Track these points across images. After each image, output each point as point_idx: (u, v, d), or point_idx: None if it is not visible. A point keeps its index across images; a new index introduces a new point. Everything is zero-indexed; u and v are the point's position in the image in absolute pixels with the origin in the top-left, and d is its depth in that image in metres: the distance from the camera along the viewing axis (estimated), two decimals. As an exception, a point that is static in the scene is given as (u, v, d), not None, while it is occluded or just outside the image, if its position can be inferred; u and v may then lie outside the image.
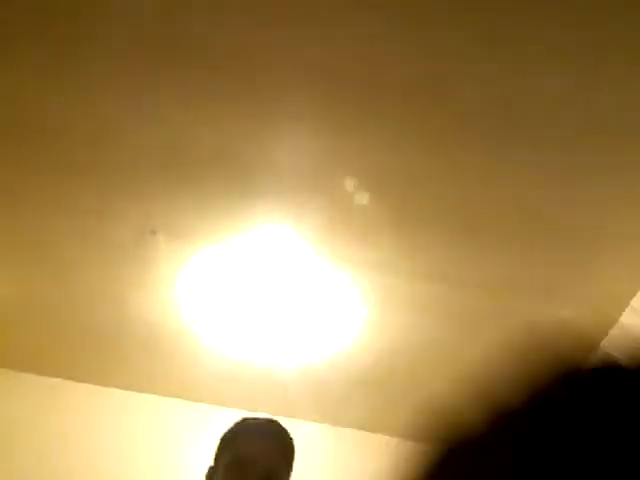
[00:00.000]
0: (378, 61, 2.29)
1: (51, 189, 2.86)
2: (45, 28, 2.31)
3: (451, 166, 2.59)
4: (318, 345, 3.36)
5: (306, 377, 3.51)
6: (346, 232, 2.87)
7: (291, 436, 1.76)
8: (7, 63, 2.43)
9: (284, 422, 3.75)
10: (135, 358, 3.65)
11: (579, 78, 2.26)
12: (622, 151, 2.45)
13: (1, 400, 3.74)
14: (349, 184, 2.68)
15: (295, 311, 3.20)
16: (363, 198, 2.70)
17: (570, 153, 2.48)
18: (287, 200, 2.76)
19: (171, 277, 3.17)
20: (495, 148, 2.51)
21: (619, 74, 2.24)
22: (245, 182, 2.72)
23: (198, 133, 2.59)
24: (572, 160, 2.50)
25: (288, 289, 3.11)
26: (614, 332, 3.10)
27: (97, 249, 3.09)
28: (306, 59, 2.31)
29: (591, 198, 2.62)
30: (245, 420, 1.76)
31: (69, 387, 3.82)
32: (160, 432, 3.78)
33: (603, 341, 2.75)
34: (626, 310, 2.97)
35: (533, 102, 2.35)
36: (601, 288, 2.91)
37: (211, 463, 1.75)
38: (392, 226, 2.82)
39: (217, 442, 1.74)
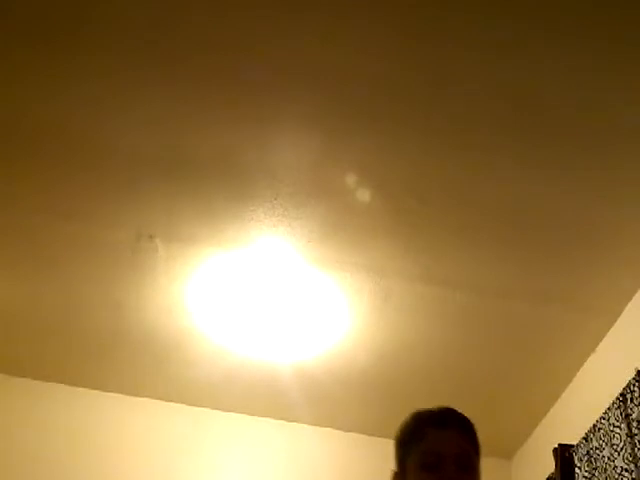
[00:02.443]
0: (377, 62, 2.30)
1: (48, 194, 2.86)
2: (45, 33, 2.31)
3: (449, 168, 2.59)
4: (316, 348, 3.36)
5: (304, 380, 3.51)
6: (344, 235, 2.87)
7: (470, 420, 1.64)
8: (6, 67, 2.43)
9: (283, 426, 3.80)
10: (132, 362, 3.64)
11: (578, 76, 2.27)
12: (621, 150, 2.46)
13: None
14: (348, 186, 2.68)
15: (294, 315, 3.20)
16: (363, 197, 2.71)
17: (566, 152, 2.49)
18: (286, 204, 2.76)
19: (169, 282, 3.16)
20: (494, 149, 2.51)
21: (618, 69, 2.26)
22: (244, 186, 2.72)
23: (196, 138, 2.59)
24: (568, 160, 2.51)
25: (287, 293, 3.11)
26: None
27: (95, 254, 3.09)
28: (306, 62, 2.32)
29: (590, 197, 2.63)
30: (419, 413, 1.64)
31: (67, 392, 3.81)
32: (157, 435, 3.78)
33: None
34: (622, 313, 2.98)
35: (532, 102, 2.36)
36: (600, 289, 2.93)
37: (393, 468, 1.65)
38: (390, 229, 2.82)
39: (395, 444, 1.65)
